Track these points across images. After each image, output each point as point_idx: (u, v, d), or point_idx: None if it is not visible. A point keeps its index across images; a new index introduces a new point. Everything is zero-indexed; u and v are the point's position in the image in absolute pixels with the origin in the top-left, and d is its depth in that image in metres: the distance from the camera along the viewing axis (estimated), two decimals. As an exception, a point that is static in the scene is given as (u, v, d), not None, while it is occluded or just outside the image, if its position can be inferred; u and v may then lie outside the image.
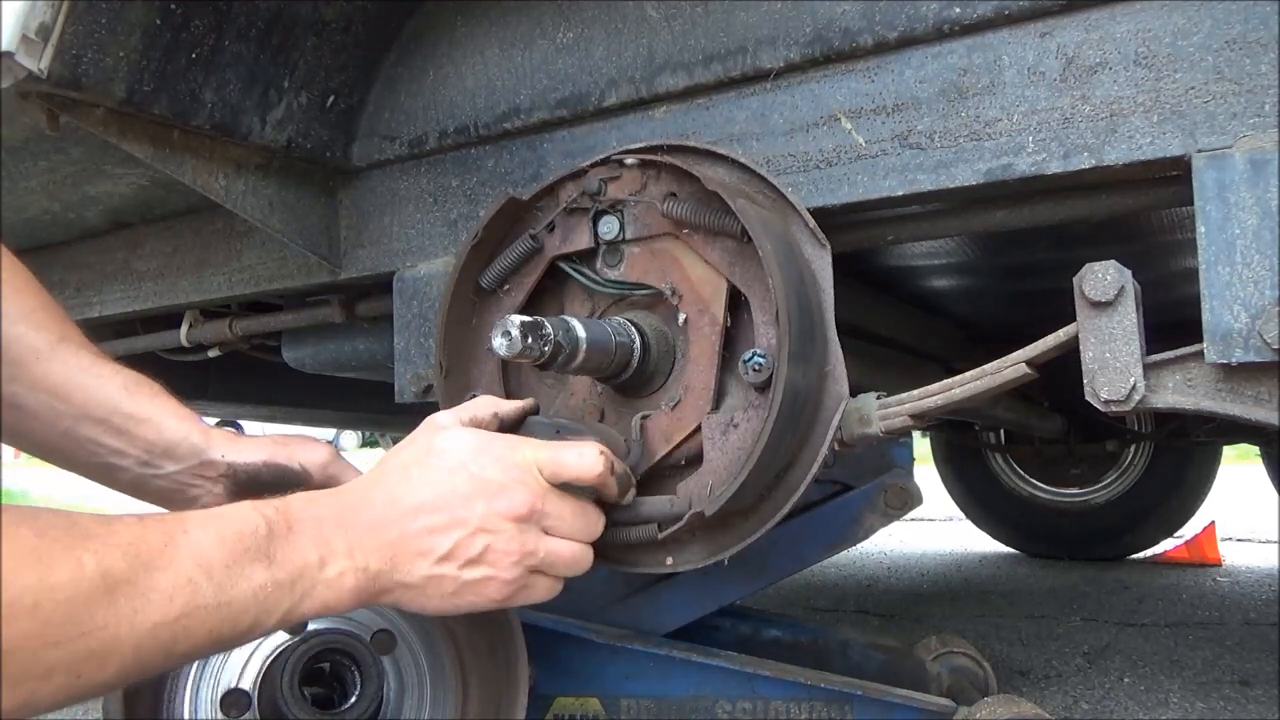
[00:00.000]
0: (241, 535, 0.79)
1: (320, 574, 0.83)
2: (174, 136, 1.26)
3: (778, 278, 0.99)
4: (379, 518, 0.89)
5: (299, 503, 0.87)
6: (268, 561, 0.80)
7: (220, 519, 0.80)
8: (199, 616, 0.74)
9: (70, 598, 0.67)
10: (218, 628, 0.76)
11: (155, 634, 0.72)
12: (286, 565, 0.81)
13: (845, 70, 1.14)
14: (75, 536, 0.70)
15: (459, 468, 0.92)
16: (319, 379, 2.02)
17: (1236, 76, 0.95)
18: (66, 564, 0.67)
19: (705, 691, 1.50)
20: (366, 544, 0.87)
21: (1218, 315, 0.93)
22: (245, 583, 0.78)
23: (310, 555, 0.83)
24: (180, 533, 0.76)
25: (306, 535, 0.84)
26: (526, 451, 0.95)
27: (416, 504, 0.90)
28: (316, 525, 0.85)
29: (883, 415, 1.10)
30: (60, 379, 1.06)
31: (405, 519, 0.89)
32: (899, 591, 3.71)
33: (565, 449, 0.98)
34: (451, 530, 0.90)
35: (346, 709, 1.20)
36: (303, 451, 1.18)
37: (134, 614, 0.70)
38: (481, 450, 0.94)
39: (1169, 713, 2.11)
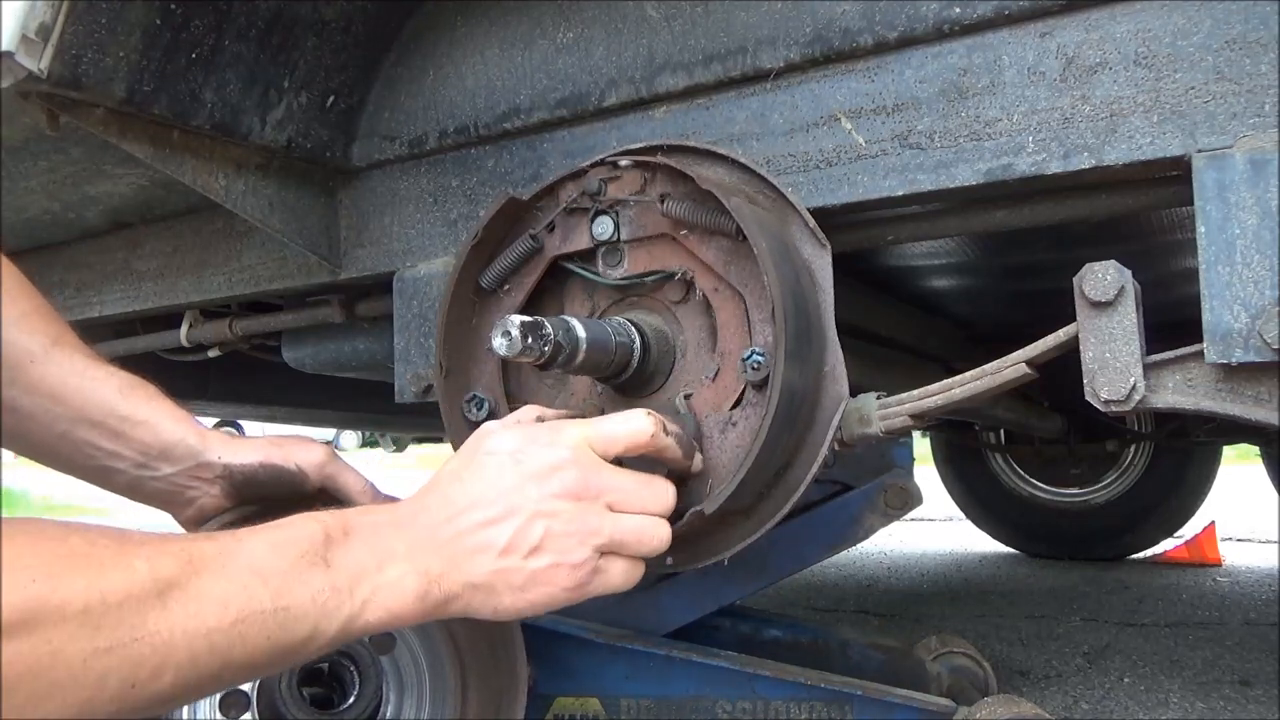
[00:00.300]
0: (297, 541, 0.78)
1: (379, 577, 0.81)
2: (174, 136, 1.26)
3: (773, 275, 0.99)
4: (435, 519, 0.87)
5: (356, 511, 0.86)
6: (325, 566, 0.78)
7: (275, 528, 0.79)
8: (255, 622, 0.73)
9: (122, 602, 0.66)
10: (276, 634, 0.74)
11: (211, 640, 0.70)
12: (344, 569, 0.79)
13: (845, 70, 1.14)
14: (127, 544, 0.69)
15: (507, 460, 0.90)
16: (319, 379, 2.02)
17: (1236, 76, 0.95)
18: (118, 568, 0.67)
19: (705, 691, 1.50)
20: (425, 545, 0.85)
21: (1218, 315, 0.93)
22: (302, 588, 0.76)
23: (368, 560, 0.81)
24: (233, 541, 0.76)
25: (363, 540, 0.82)
26: (571, 430, 0.92)
27: (470, 501, 0.88)
28: (373, 530, 0.84)
29: (883, 415, 1.09)
30: (56, 382, 1.06)
31: (460, 516, 0.87)
32: (899, 591, 3.71)
33: (609, 419, 0.94)
34: (507, 520, 0.87)
35: (345, 709, 1.20)
36: (299, 452, 1.18)
37: (188, 619, 0.69)
38: (528, 439, 0.91)
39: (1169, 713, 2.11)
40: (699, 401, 1.10)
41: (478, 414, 1.19)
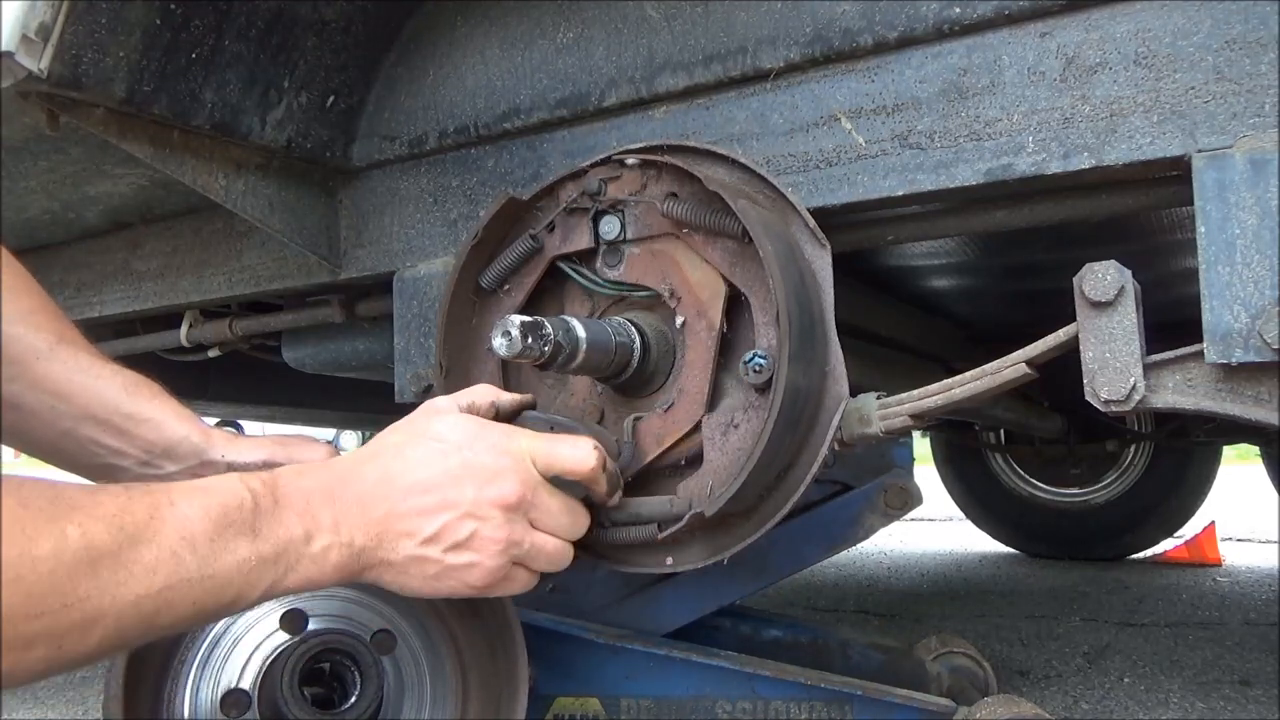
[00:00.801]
0: (226, 508, 0.79)
1: (305, 549, 0.83)
2: (174, 136, 1.26)
3: (778, 279, 0.99)
4: (369, 493, 0.88)
5: (287, 475, 0.87)
6: (252, 535, 0.80)
7: (206, 492, 0.80)
8: (182, 589, 0.75)
9: (53, 570, 0.67)
10: (200, 600, 0.76)
11: (138, 605, 0.72)
12: (271, 539, 0.81)
13: (845, 70, 1.14)
14: (60, 508, 0.70)
15: (453, 451, 0.91)
16: (319, 379, 2.02)
17: (1236, 76, 0.95)
18: (49, 535, 0.68)
19: (705, 691, 1.50)
20: (353, 519, 0.87)
21: (1218, 315, 0.93)
22: (229, 556, 0.78)
23: (296, 529, 0.83)
24: (166, 504, 0.76)
25: (293, 509, 0.83)
26: (521, 441, 0.95)
27: (408, 484, 0.89)
28: (304, 498, 0.85)
29: (883, 415, 1.09)
30: (60, 379, 1.07)
31: (395, 497, 0.89)
32: (899, 591, 3.71)
33: (560, 441, 0.98)
34: (440, 512, 0.89)
35: (346, 709, 1.20)
36: (302, 451, 1.18)
37: (117, 586, 0.71)
38: (476, 436, 0.94)
39: (1169, 713, 2.11)
40: (644, 428, 1.11)
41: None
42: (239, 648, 1.19)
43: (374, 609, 1.24)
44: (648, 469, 1.12)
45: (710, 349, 1.09)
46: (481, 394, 1.05)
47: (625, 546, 1.10)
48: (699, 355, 1.10)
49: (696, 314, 1.10)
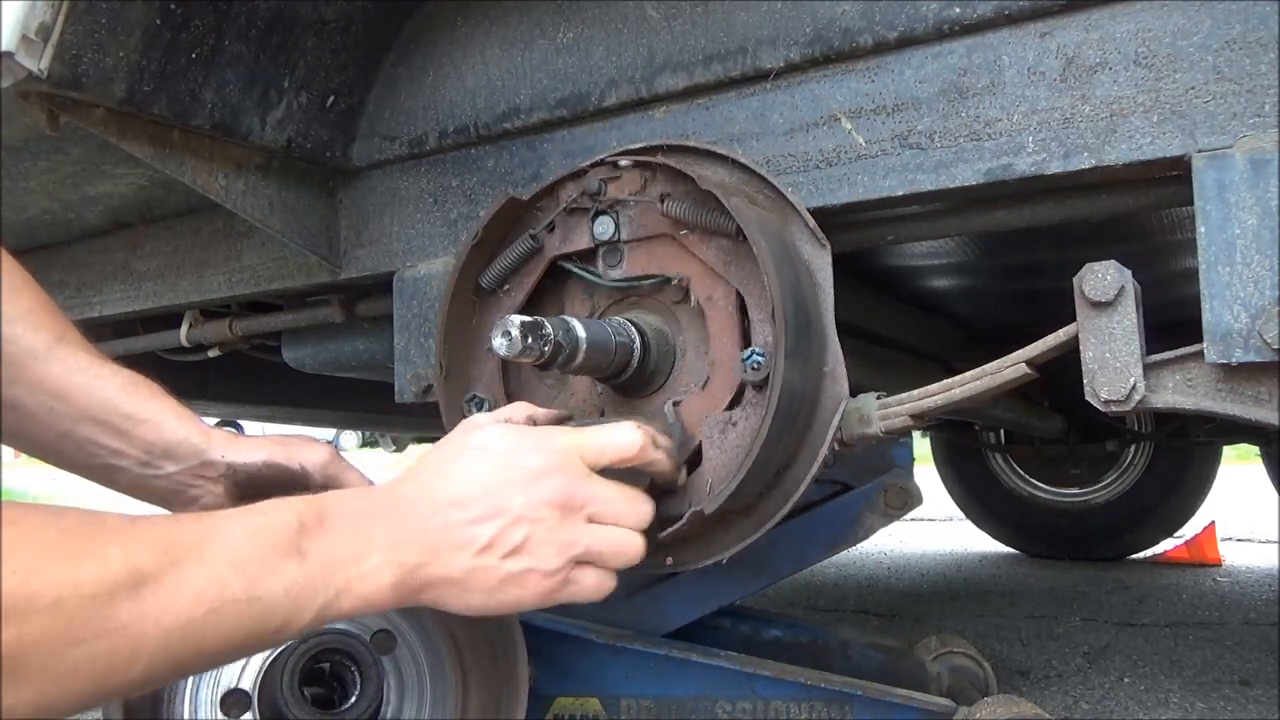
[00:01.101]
0: (272, 529, 0.78)
1: (356, 568, 0.81)
2: (174, 136, 1.26)
3: (772, 275, 0.99)
4: (418, 509, 0.86)
5: (333, 496, 0.86)
6: (300, 556, 0.78)
7: (251, 514, 0.79)
8: (228, 613, 0.73)
9: (94, 594, 0.65)
10: (249, 624, 0.75)
11: (185, 630, 0.70)
12: (320, 559, 0.79)
13: (845, 70, 1.14)
14: (103, 531, 0.69)
15: (496, 457, 0.90)
16: (319, 379, 2.02)
17: (1236, 76, 0.95)
18: (91, 559, 0.66)
19: (705, 691, 1.50)
20: (405, 535, 0.85)
21: (1218, 315, 0.93)
22: (276, 579, 0.76)
23: (346, 549, 0.81)
24: (212, 528, 0.75)
25: (342, 527, 0.82)
26: (563, 438, 0.93)
27: (455, 495, 0.87)
28: (352, 518, 0.83)
29: (883, 415, 1.10)
30: (59, 380, 1.06)
31: (444, 510, 0.87)
32: (899, 591, 3.71)
33: (601, 430, 0.95)
34: (491, 520, 0.87)
35: (346, 709, 1.20)
36: (303, 451, 1.18)
37: (160, 611, 0.69)
38: (518, 440, 0.92)
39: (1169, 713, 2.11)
40: (687, 409, 1.10)
41: (478, 414, 1.19)
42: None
43: (374, 609, 1.24)
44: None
45: (734, 316, 1.08)
46: (518, 410, 1.04)
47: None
48: (724, 325, 1.09)
49: (711, 289, 1.10)
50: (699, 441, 1.09)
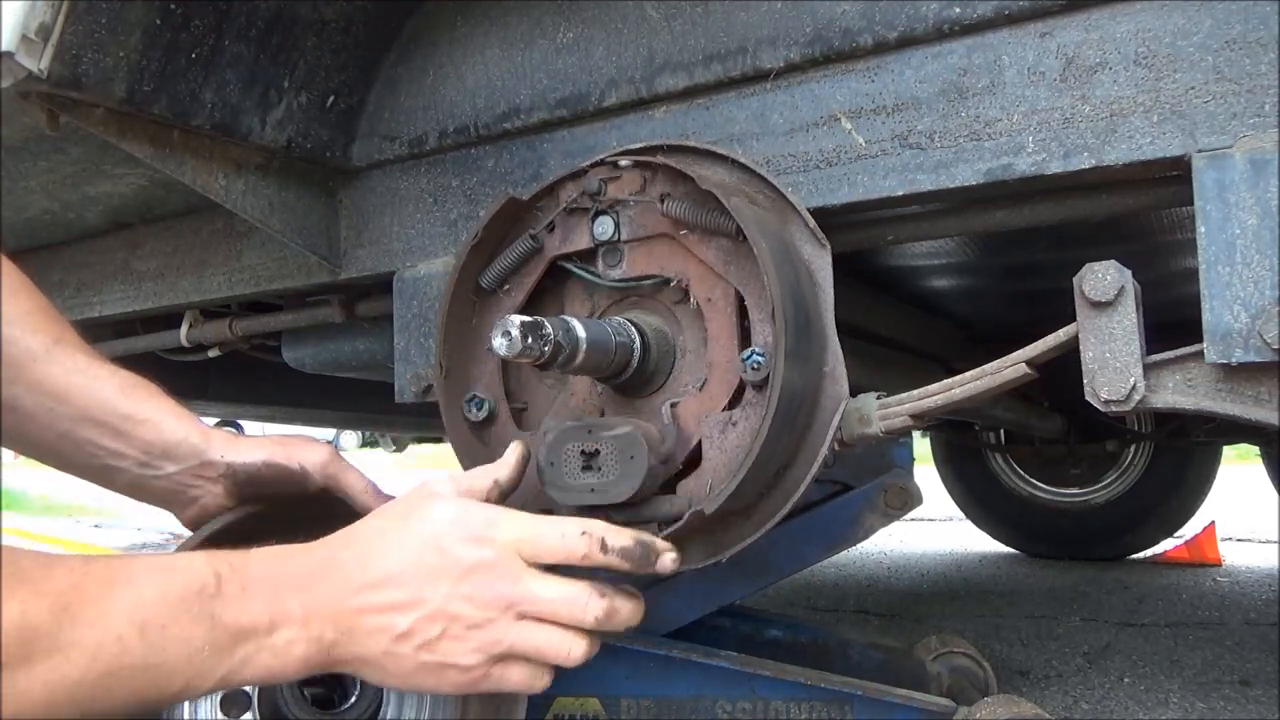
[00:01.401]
0: (186, 593, 0.76)
1: (267, 639, 0.80)
2: (174, 136, 1.26)
3: (772, 275, 0.99)
4: (343, 583, 0.85)
5: (261, 558, 0.84)
6: (210, 622, 0.77)
7: (169, 571, 0.77)
8: (122, 676, 0.71)
9: None
10: (143, 689, 0.73)
11: (72, 693, 0.69)
12: (229, 627, 0.78)
13: (845, 70, 1.14)
14: (11, 583, 0.67)
15: (430, 541, 0.87)
16: (319, 379, 2.02)
17: (1236, 76, 0.95)
18: None
19: (705, 691, 1.50)
20: (322, 611, 0.83)
21: (1218, 315, 0.93)
22: (179, 645, 0.75)
23: (260, 618, 0.80)
24: (124, 582, 0.74)
25: (260, 596, 0.80)
26: (506, 531, 0.89)
27: (382, 574, 0.86)
28: (273, 586, 0.82)
29: (883, 415, 1.09)
30: (58, 381, 1.06)
31: (368, 590, 0.85)
32: (899, 591, 3.71)
33: (549, 527, 0.91)
34: (409, 609, 0.85)
35: (346, 709, 1.20)
36: (302, 451, 1.18)
37: (50, 672, 0.68)
38: (457, 523, 0.89)
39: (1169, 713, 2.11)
40: (686, 410, 1.10)
41: (477, 414, 1.19)
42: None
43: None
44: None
45: (732, 318, 1.08)
46: (481, 477, 1.00)
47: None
48: (722, 326, 1.09)
49: (710, 290, 1.10)
50: (698, 441, 1.09)
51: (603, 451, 1.02)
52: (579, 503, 1.03)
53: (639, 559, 0.94)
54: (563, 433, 1.05)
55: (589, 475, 1.03)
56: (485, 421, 1.19)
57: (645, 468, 1.01)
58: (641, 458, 1.01)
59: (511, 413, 1.19)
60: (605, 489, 1.02)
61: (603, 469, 1.02)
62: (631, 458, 1.01)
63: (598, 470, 1.02)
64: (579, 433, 1.04)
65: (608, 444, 1.02)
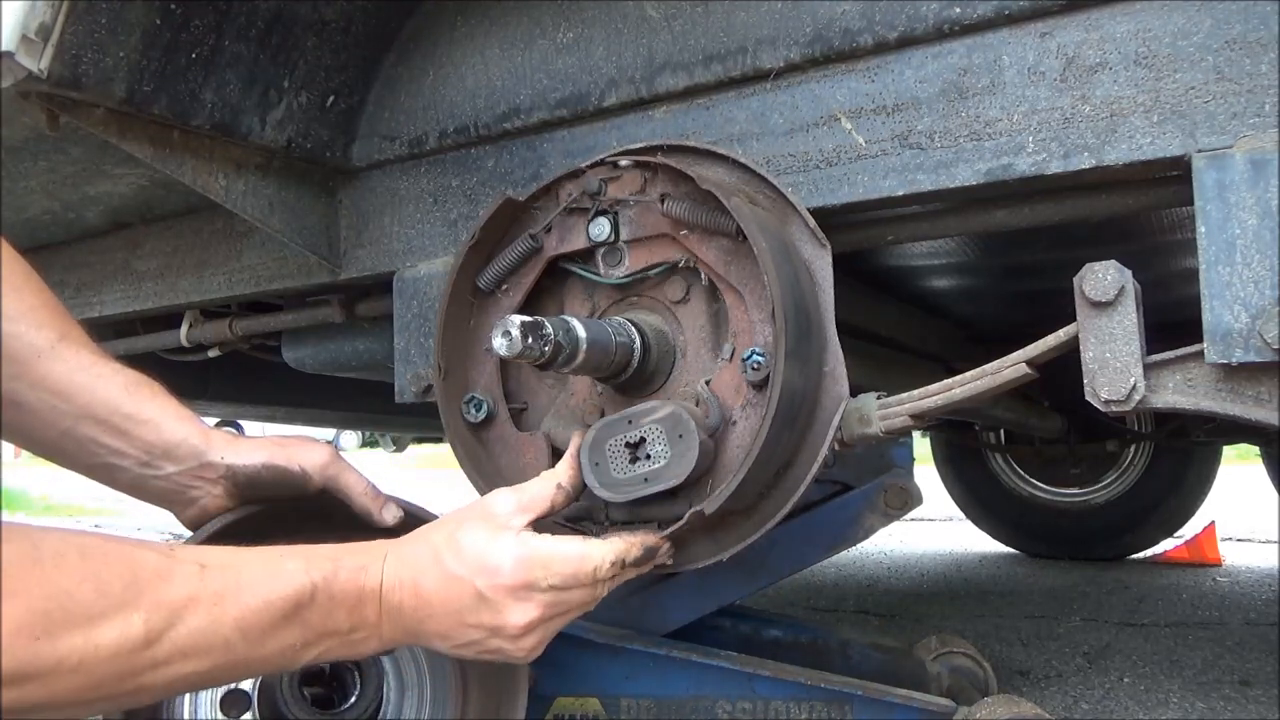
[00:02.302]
0: (285, 601, 0.87)
1: (346, 637, 0.92)
2: (174, 136, 1.26)
3: (772, 274, 0.99)
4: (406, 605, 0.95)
5: (349, 570, 0.93)
6: (304, 627, 0.88)
7: (273, 579, 0.88)
8: (226, 669, 0.84)
9: (114, 656, 0.75)
10: (240, 674, 0.88)
11: (187, 681, 0.82)
12: (319, 629, 0.90)
13: (845, 70, 1.14)
14: (132, 593, 0.77)
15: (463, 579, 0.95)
16: (319, 379, 2.02)
17: (1236, 76, 0.95)
18: (114, 624, 0.75)
19: (705, 691, 1.50)
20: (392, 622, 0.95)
21: (1218, 315, 0.93)
22: (275, 644, 0.86)
23: (342, 624, 0.92)
24: (233, 591, 0.84)
25: (344, 607, 0.92)
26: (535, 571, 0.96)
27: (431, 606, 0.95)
28: (357, 598, 0.93)
29: (883, 415, 1.09)
30: (61, 378, 1.06)
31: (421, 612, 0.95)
32: (899, 591, 3.71)
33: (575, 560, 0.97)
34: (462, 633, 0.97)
35: (346, 709, 1.20)
36: (302, 453, 1.18)
37: (170, 668, 0.79)
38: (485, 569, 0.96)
39: (1169, 713, 2.11)
40: (720, 383, 1.09)
41: (476, 415, 1.19)
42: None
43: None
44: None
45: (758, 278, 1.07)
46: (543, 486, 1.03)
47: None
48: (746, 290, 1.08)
49: (725, 263, 1.09)
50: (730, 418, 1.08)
51: (649, 438, 1.01)
52: (634, 496, 1.02)
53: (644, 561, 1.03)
54: (601, 429, 1.03)
55: (640, 465, 1.01)
56: (485, 422, 1.19)
57: (697, 443, 0.99)
58: (691, 434, 1.00)
59: (511, 413, 1.19)
60: (659, 474, 1.00)
61: (652, 455, 1.01)
62: (680, 436, 1.00)
63: (647, 458, 1.01)
64: (618, 425, 1.02)
65: (652, 429, 1.01)
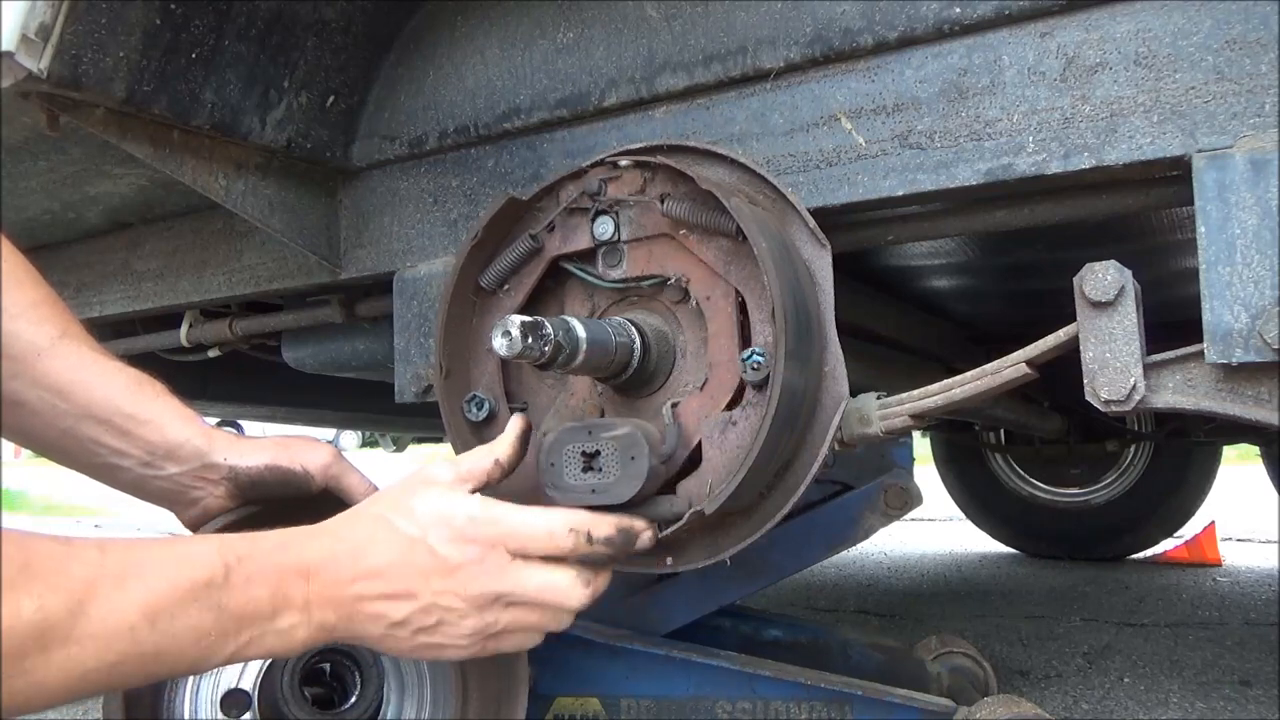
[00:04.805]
0: (195, 584, 0.79)
1: (270, 624, 0.84)
2: (174, 136, 1.26)
3: (773, 274, 0.99)
4: (341, 573, 0.89)
5: (267, 547, 0.87)
6: (217, 610, 0.80)
7: (180, 561, 0.80)
8: (134, 662, 0.75)
9: (3, 645, 0.67)
10: (154, 670, 0.77)
11: (86, 678, 0.73)
12: (235, 613, 0.81)
13: (845, 70, 1.14)
14: (24, 577, 0.70)
15: (419, 538, 0.91)
16: (319, 379, 2.02)
17: (1236, 76, 0.95)
18: (4, 608, 0.68)
19: (705, 691, 1.50)
20: (325, 599, 0.88)
21: (1218, 315, 0.93)
22: (188, 633, 0.78)
23: (264, 606, 0.84)
24: (135, 575, 0.76)
25: (266, 585, 0.84)
26: (493, 527, 0.93)
27: (375, 568, 0.90)
28: (278, 575, 0.85)
29: (883, 415, 1.09)
30: (62, 376, 1.06)
31: (361, 582, 0.89)
32: (899, 591, 3.71)
33: (536, 520, 0.94)
34: (404, 601, 0.90)
35: (346, 709, 1.20)
36: (305, 453, 1.18)
37: (66, 660, 0.71)
38: (443, 521, 0.92)
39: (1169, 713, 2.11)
40: (686, 410, 1.10)
41: (478, 414, 1.19)
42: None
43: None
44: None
45: (732, 317, 1.08)
46: (481, 457, 1.01)
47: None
48: (723, 326, 1.09)
49: (710, 288, 1.10)
50: (699, 441, 1.09)
51: (603, 452, 1.02)
52: (580, 504, 1.02)
53: (621, 545, 0.98)
54: (563, 433, 1.05)
55: (590, 476, 1.02)
56: (485, 421, 1.19)
57: (646, 468, 1.00)
58: (642, 458, 1.01)
59: (511, 413, 1.19)
60: (606, 489, 1.01)
61: (603, 469, 1.02)
62: (632, 458, 1.01)
63: (598, 471, 1.02)
64: (579, 433, 1.04)
65: (608, 444, 1.02)
